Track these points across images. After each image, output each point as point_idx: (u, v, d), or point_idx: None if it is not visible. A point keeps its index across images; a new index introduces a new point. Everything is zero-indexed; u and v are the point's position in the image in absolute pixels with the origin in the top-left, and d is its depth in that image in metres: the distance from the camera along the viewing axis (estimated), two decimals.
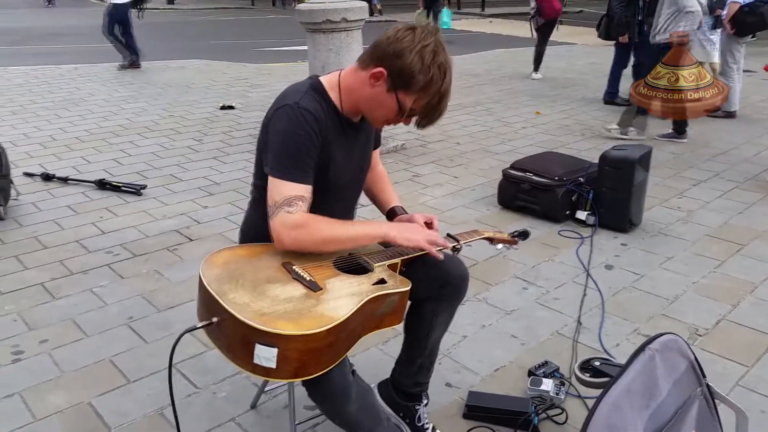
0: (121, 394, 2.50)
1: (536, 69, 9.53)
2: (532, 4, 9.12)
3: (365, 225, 1.91)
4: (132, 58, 10.23)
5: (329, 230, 1.80)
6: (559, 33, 12.02)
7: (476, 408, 2.36)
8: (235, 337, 1.59)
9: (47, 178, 4.94)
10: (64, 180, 4.90)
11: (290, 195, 1.75)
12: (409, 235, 1.90)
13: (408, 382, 2.23)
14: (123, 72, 9.98)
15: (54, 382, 2.57)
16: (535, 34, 9.39)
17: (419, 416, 2.23)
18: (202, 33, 16.52)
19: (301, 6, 5.48)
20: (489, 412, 2.34)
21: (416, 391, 2.24)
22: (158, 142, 6.07)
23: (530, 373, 2.57)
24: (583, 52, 12.00)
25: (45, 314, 3.07)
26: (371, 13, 15.86)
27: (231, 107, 7.55)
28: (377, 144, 2.21)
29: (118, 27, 10.03)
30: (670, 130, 6.30)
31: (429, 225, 2.05)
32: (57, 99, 7.96)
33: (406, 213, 2.13)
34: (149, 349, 2.80)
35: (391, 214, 2.16)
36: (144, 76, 9.71)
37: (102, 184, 4.76)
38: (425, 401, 2.27)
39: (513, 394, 2.49)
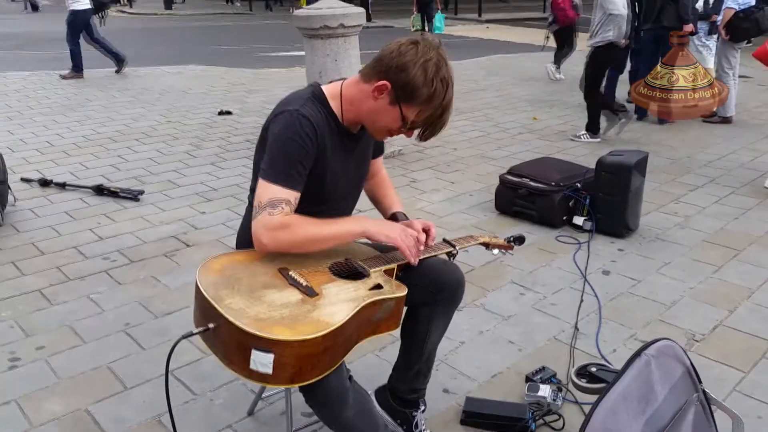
0: (118, 400, 2.50)
1: (557, 67, 9.91)
2: (548, 13, 9.36)
3: (345, 222, 1.90)
4: (116, 60, 10.22)
5: (309, 230, 1.80)
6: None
7: (474, 414, 2.36)
8: (231, 343, 1.59)
9: (45, 183, 4.93)
10: (62, 186, 4.90)
11: (274, 198, 1.76)
12: (387, 231, 1.90)
13: (405, 388, 2.24)
14: (120, 77, 9.99)
15: (51, 389, 2.56)
16: (553, 42, 9.77)
17: (416, 422, 2.24)
18: (200, 38, 16.54)
19: (298, 12, 5.49)
20: (486, 418, 2.34)
21: (413, 398, 2.25)
22: (156, 148, 6.07)
23: (527, 379, 2.57)
24: (580, 58, 12.01)
25: (42, 321, 3.06)
26: (368, 19, 15.92)
27: (229, 113, 7.56)
28: (380, 151, 2.22)
29: (85, 35, 9.79)
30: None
31: (426, 231, 2.05)
32: (54, 104, 7.96)
33: (407, 219, 2.13)
34: (146, 355, 2.80)
35: (393, 220, 2.16)
36: (141, 81, 9.72)
37: (100, 190, 4.76)
38: (422, 407, 2.27)
39: (510, 400, 2.49)
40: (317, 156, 1.84)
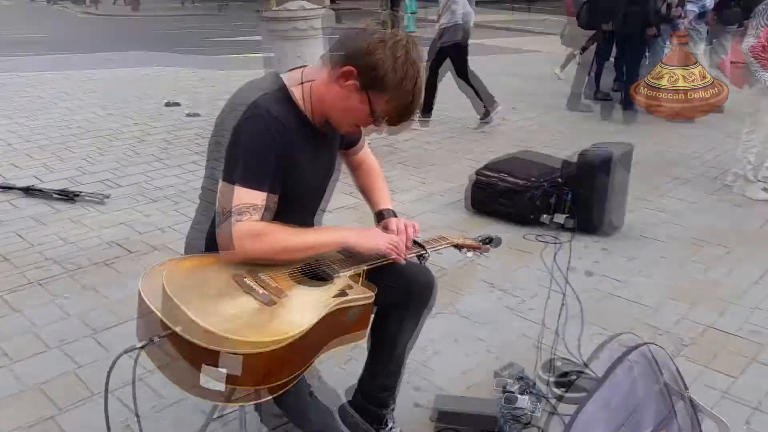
0: (85, 407, 2.43)
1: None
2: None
3: (323, 232, 1.83)
4: None
5: (283, 240, 1.69)
6: (525, 41, 12.22)
7: (445, 413, 2.32)
8: (182, 356, 1.48)
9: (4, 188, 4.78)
10: (24, 190, 4.74)
11: (241, 203, 1.64)
12: (369, 242, 1.81)
13: (376, 387, 2.18)
14: (88, 80, 9.75)
15: (16, 397, 2.48)
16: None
17: (387, 421, 2.19)
18: (166, 39, 16.28)
19: (267, 13, 5.43)
20: (457, 416, 2.30)
21: (384, 395, 2.19)
22: (122, 150, 5.94)
23: (496, 375, 2.50)
24: (548, 59, 12.07)
25: (5, 327, 2.96)
26: (338, 20, 15.91)
27: (176, 104, 7.66)
28: (357, 140, 2.11)
29: None
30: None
31: (407, 228, 1.96)
32: (17, 107, 7.75)
33: (395, 217, 2.02)
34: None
35: (379, 218, 2.05)
36: (107, 83, 9.52)
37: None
38: (393, 406, 2.22)
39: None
40: (282, 152, 1.71)
